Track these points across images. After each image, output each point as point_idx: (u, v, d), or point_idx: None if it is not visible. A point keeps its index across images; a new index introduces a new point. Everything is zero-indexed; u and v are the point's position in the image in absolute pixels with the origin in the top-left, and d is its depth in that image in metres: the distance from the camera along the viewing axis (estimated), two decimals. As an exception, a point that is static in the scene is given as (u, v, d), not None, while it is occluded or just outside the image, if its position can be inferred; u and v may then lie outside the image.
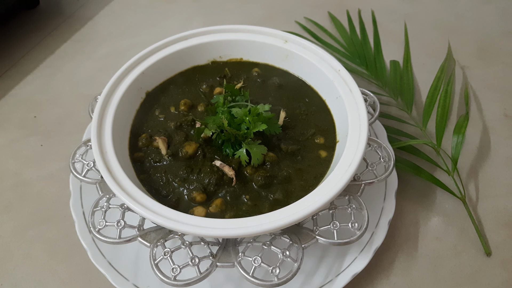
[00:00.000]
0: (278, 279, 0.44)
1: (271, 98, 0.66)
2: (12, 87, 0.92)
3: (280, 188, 0.54)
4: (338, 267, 0.57)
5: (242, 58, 0.71)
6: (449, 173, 0.71)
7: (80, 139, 0.74)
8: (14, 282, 0.61)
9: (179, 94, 0.67)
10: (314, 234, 0.48)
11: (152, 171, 0.57)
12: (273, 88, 0.68)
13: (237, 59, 0.71)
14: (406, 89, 0.86)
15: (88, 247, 0.57)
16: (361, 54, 0.94)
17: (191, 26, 1.07)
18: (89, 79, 0.94)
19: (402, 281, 0.60)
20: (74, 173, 0.55)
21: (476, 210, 0.68)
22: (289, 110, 0.64)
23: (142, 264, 0.57)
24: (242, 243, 0.49)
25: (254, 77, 0.70)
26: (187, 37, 0.68)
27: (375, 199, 0.63)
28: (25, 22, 1.09)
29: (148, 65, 0.64)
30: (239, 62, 0.71)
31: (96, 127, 0.54)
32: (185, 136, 0.60)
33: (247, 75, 0.70)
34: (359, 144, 0.52)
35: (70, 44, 1.04)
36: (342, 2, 1.11)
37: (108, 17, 1.13)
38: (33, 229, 0.67)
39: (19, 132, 0.82)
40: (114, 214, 0.50)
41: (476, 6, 1.10)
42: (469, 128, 0.79)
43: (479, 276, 0.61)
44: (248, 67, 0.71)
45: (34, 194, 0.72)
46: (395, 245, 0.64)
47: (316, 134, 0.61)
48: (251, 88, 0.68)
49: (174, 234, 0.49)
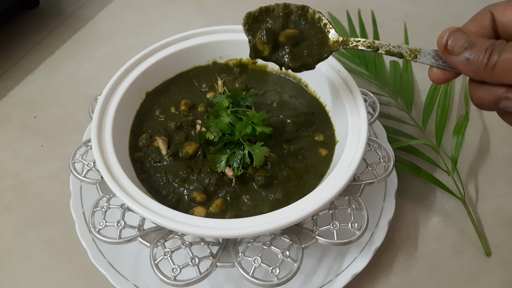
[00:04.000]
0: (278, 279, 0.44)
1: (270, 99, 0.66)
2: (12, 87, 0.92)
3: (280, 188, 0.54)
4: (338, 267, 0.57)
5: (242, 58, 0.71)
6: (449, 173, 0.72)
7: (80, 139, 0.74)
8: (14, 282, 0.61)
9: (179, 95, 0.67)
10: (314, 234, 0.49)
11: (152, 171, 0.57)
12: (273, 88, 0.68)
13: (237, 59, 0.71)
14: (406, 89, 0.86)
15: (88, 247, 0.57)
16: (361, 54, 0.94)
17: (191, 26, 1.07)
18: (89, 79, 0.94)
19: (402, 281, 0.60)
20: (74, 173, 0.55)
21: (476, 210, 0.68)
22: (289, 111, 0.64)
23: (142, 264, 0.57)
24: (242, 243, 0.49)
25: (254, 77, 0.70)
26: (187, 37, 0.68)
27: (375, 199, 0.63)
28: (25, 22, 1.09)
29: (148, 65, 0.64)
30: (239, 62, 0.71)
31: (96, 127, 0.54)
32: (185, 136, 0.60)
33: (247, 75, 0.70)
34: (359, 144, 0.52)
35: (70, 44, 1.04)
36: (342, 2, 1.11)
37: (108, 17, 1.13)
38: (33, 229, 0.67)
39: (19, 132, 0.82)
40: (114, 214, 0.50)
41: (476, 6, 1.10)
42: (469, 128, 0.79)
43: (478, 276, 0.61)
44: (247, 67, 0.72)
45: (34, 194, 0.72)
46: (395, 245, 0.64)
47: (316, 134, 0.61)
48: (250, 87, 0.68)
49: (174, 234, 0.49)
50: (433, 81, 0.44)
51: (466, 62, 0.38)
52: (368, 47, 0.46)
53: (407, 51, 0.44)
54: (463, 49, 0.38)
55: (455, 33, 0.39)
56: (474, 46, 0.37)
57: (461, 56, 0.38)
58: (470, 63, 0.38)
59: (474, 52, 0.37)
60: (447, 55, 0.39)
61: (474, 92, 0.40)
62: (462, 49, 0.38)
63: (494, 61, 0.36)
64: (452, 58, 0.39)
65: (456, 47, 0.38)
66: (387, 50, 0.45)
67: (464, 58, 0.38)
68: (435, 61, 0.42)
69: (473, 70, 0.38)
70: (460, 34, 0.38)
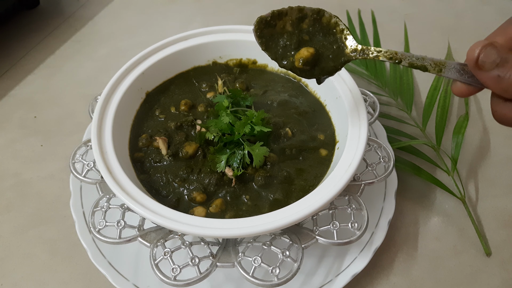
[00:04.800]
0: (278, 279, 0.44)
1: (270, 98, 0.66)
2: (12, 87, 0.92)
3: (280, 188, 0.54)
4: (338, 267, 0.57)
5: (242, 58, 0.71)
6: (449, 173, 0.72)
7: (80, 139, 0.74)
8: (14, 282, 0.61)
9: (179, 94, 0.67)
10: (314, 234, 0.49)
11: (152, 171, 0.57)
12: (273, 88, 0.68)
13: (237, 59, 0.71)
14: (406, 89, 0.86)
15: (88, 247, 0.57)
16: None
17: (191, 26, 1.07)
18: (89, 79, 0.94)
19: (402, 281, 0.60)
20: (74, 173, 0.55)
21: (476, 210, 0.68)
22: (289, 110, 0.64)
23: (142, 264, 0.57)
24: (242, 243, 0.49)
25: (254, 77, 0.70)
26: (187, 37, 0.68)
27: (375, 199, 0.63)
28: (25, 22, 1.09)
29: (148, 65, 0.64)
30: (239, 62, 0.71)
31: (96, 127, 0.54)
32: (185, 136, 0.60)
33: (247, 75, 0.70)
34: (359, 144, 0.52)
35: (70, 44, 1.04)
36: (342, 2, 1.11)
37: (109, 17, 1.13)
38: (33, 229, 0.67)
39: (19, 132, 0.82)
40: (114, 214, 0.50)
41: (476, 6, 1.10)
42: (469, 128, 0.79)
43: (479, 276, 0.61)
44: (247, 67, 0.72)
45: (34, 194, 0.72)
46: (395, 245, 0.64)
47: (316, 134, 0.61)
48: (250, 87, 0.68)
49: (174, 234, 0.49)
50: (457, 95, 0.42)
51: (497, 79, 0.36)
52: (390, 58, 0.43)
53: (431, 64, 0.42)
54: (494, 65, 0.36)
55: (487, 47, 0.36)
56: (506, 63, 0.36)
57: (492, 72, 0.36)
58: (501, 80, 0.36)
59: (507, 69, 0.35)
60: (477, 71, 0.37)
61: (497, 108, 0.38)
62: (493, 65, 0.36)
63: None
64: (482, 74, 0.37)
65: (487, 63, 0.36)
66: (410, 62, 0.43)
67: (495, 75, 0.36)
68: (460, 76, 0.40)
69: (503, 88, 0.36)
70: (492, 49, 0.36)
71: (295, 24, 0.48)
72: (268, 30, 0.48)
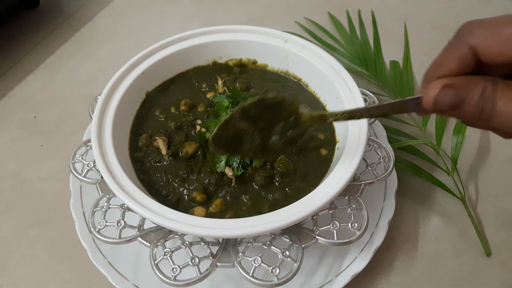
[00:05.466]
0: (278, 279, 0.44)
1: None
2: (12, 87, 0.92)
3: (280, 188, 0.54)
4: (338, 267, 0.57)
5: (242, 58, 0.71)
6: (449, 173, 0.71)
7: (80, 139, 0.74)
8: (14, 282, 0.61)
9: (179, 94, 0.67)
10: (314, 234, 0.49)
11: (152, 171, 0.57)
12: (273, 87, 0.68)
13: (237, 59, 0.71)
14: (406, 89, 0.86)
15: (88, 247, 0.57)
16: (361, 54, 0.94)
17: (191, 26, 1.07)
18: (89, 79, 0.94)
19: (402, 281, 0.60)
20: (74, 173, 0.55)
21: (476, 210, 0.68)
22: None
23: (142, 264, 0.57)
24: (242, 243, 0.49)
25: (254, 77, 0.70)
26: (187, 37, 0.68)
27: (375, 199, 0.63)
28: (25, 22, 1.09)
29: (148, 65, 0.64)
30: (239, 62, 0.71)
31: (96, 127, 0.54)
32: (185, 136, 0.60)
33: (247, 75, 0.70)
34: (359, 144, 0.52)
35: (70, 44, 1.04)
36: (342, 2, 1.11)
37: (109, 17, 1.13)
38: (33, 229, 0.67)
39: (19, 132, 0.82)
40: (114, 214, 0.50)
41: (476, 6, 1.10)
42: (469, 128, 0.79)
43: (478, 276, 0.61)
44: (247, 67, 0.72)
45: (34, 194, 0.72)
46: (395, 245, 0.64)
47: (317, 134, 0.61)
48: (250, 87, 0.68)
49: (174, 234, 0.49)
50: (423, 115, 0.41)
51: (459, 115, 0.34)
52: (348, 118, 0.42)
53: (390, 108, 0.39)
54: (452, 108, 0.33)
55: (442, 90, 0.33)
56: (464, 101, 0.32)
57: (450, 113, 0.34)
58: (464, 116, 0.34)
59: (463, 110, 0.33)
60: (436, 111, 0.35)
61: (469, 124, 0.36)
62: (451, 108, 0.33)
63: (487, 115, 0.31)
64: (443, 114, 0.35)
65: (445, 106, 0.34)
66: (369, 114, 0.41)
67: (456, 114, 0.34)
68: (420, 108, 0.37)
69: (467, 122, 0.35)
70: (448, 91, 0.33)
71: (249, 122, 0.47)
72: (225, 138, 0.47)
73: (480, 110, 0.32)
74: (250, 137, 0.48)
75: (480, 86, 0.32)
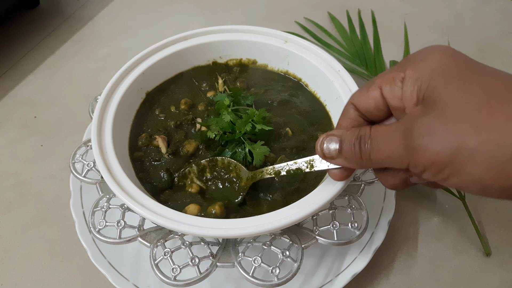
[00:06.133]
0: (278, 279, 0.44)
1: (271, 98, 0.66)
2: (12, 87, 0.92)
3: (280, 188, 0.54)
4: (338, 267, 0.57)
5: (242, 58, 0.71)
6: (449, 173, 0.71)
7: (80, 139, 0.74)
8: (14, 282, 0.61)
9: (179, 94, 0.67)
10: (314, 234, 0.49)
11: (151, 169, 0.57)
12: (273, 87, 0.68)
13: (237, 59, 0.71)
14: (406, 89, 0.86)
15: (88, 247, 0.57)
16: (361, 54, 0.94)
17: (191, 26, 1.07)
18: (89, 79, 0.94)
19: (402, 281, 0.60)
20: (74, 173, 0.55)
21: (476, 210, 0.68)
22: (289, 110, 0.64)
23: (142, 264, 0.57)
24: (242, 243, 0.49)
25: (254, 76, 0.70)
26: (187, 37, 0.68)
27: (375, 199, 0.63)
28: (25, 22, 1.09)
29: (148, 65, 0.64)
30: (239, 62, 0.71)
31: (96, 127, 0.54)
32: (184, 134, 0.60)
33: (247, 74, 0.70)
34: (359, 144, 0.52)
35: (70, 44, 1.04)
36: (342, 2, 1.11)
37: (108, 17, 1.13)
38: (33, 229, 0.67)
39: (19, 132, 0.82)
40: (114, 214, 0.50)
41: (476, 6, 1.10)
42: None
43: (478, 276, 0.61)
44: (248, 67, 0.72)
45: (34, 194, 0.72)
46: (395, 245, 0.64)
47: (317, 134, 0.61)
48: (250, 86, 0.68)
49: (174, 234, 0.49)
50: (336, 180, 0.44)
51: (346, 160, 0.39)
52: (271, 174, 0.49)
53: (304, 164, 0.45)
54: (338, 153, 0.39)
55: (326, 138, 0.40)
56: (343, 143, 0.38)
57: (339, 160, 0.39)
58: (349, 161, 0.38)
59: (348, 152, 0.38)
60: (329, 160, 0.41)
61: (383, 181, 0.40)
62: (337, 153, 0.39)
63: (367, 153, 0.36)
64: (334, 161, 0.40)
65: (331, 152, 0.39)
66: (287, 170, 0.47)
67: (343, 158, 0.39)
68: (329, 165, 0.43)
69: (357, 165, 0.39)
70: (330, 138, 0.39)
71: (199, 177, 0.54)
72: None
73: (359, 149, 0.36)
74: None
75: (356, 130, 0.38)
